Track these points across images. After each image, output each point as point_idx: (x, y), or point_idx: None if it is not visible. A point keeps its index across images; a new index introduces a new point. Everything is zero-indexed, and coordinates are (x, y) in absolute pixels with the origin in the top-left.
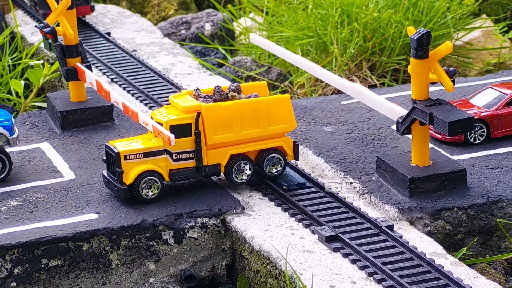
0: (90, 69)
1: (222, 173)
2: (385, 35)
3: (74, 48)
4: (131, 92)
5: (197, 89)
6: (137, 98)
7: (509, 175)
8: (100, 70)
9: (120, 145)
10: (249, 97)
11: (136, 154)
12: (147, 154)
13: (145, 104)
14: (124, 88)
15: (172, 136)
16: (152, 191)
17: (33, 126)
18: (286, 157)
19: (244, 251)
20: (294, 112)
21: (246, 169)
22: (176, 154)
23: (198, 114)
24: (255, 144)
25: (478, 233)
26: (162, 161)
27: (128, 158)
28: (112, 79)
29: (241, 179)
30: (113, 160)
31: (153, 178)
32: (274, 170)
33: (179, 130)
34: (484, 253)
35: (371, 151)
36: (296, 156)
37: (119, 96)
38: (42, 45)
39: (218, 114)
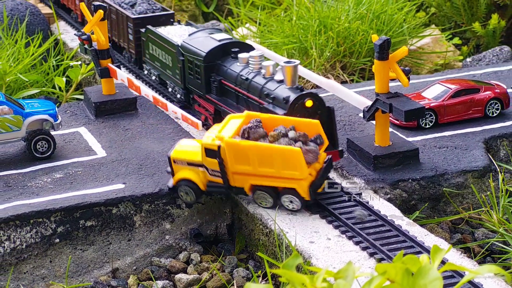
0: (120, 69)
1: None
2: (354, 41)
3: (105, 51)
4: (150, 87)
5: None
6: (156, 91)
7: (453, 153)
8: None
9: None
10: (296, 140)
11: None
12: (191, 163)
13: (163, 96)
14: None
15: (199, 122)
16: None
17: (72, 114)
18: (303, 198)
19: (241, 214)
20: None
21: (267, 198)
22: (211, 170)
23: (219, 147)
24: (272, 180)
25: (428, 200)
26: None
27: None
28: (135, 76)
29: (265, 205)
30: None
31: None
32: (291, 207)
33: (210, 152)
34: (433, 216)
35: (343, 134)
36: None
37: (149, 90)
38: (79, 49)
39: (237, 150)
